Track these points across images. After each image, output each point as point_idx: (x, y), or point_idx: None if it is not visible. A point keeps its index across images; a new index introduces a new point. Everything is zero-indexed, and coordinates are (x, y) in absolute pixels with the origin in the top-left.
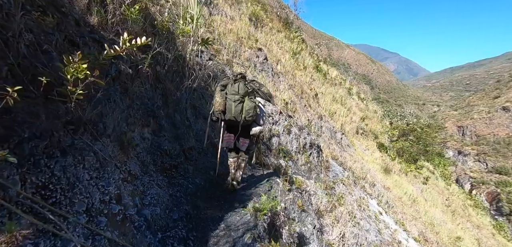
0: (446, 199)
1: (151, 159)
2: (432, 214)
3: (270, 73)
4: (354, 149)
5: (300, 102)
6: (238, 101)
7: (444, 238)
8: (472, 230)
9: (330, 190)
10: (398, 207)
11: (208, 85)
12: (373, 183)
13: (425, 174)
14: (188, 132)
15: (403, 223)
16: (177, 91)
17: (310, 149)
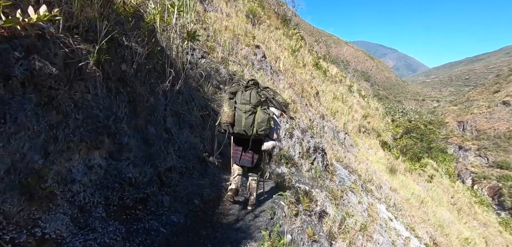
0: (452, 197)
1: (101, 197)
2: (440, 215)
3: (268, 72)
4: (357, 149)
5: (301, 102)
6: (249, 112)
7: (454, 240)
8: (479, 228)
9: (339, 200)
10: (406, 210)
11: (200, 86)
12: (380, 185)
13: (429, 172)
14: (166, 147)
15: (413, 227)
16: (150, 96)
17: (314, 153)
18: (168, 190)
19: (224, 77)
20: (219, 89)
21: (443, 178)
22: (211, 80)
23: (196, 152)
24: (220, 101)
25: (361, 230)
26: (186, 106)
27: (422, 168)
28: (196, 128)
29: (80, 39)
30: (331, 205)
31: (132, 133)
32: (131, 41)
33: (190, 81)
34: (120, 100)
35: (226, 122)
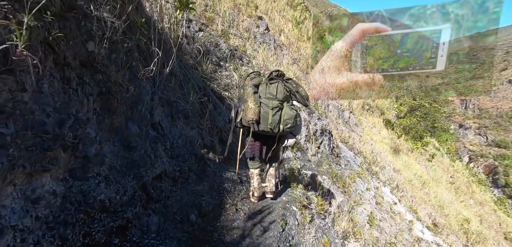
0: (451, 176)
1: (56, 240)
2: (440, 195)
3: (272, 46)
4: (362, 128)
5: (306, 79)
6: (276, 108)
7: (453, 221)
8: (475, 207)
9: (347, 188)
10: (408, 191)
11: (197, 63)
12: (383, 166)
13: (431, 151)
14: (154, 148)
15: (416, 210)
16: (131, 85)
17: (321, 135)
18: (157, 207)
19: (225, 52)
20: (219, 66)
21: (443, 157)
22: (210, 57)
23: (193, 148)
24: (220, 80)
25: (370, 221)
26: (181, 92)
27: (424, 147)
28: (192, 117)
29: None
30: (340, 194)
31: (106, 137)
32: (101, 11)
33: (186, 58)
34: (84, 94)
35: (252, 119)
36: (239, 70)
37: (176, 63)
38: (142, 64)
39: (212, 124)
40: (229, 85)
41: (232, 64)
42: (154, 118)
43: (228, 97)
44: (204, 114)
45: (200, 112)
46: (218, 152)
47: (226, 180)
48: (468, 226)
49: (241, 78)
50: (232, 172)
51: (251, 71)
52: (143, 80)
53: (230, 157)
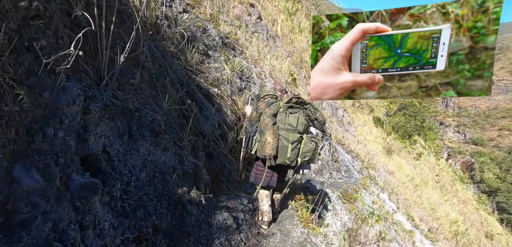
0: (436, 175)
1: None
2: (431, 198)
3: (265, 36)
4: (354, 127)
5: (299, 73)
6: (297, 142)
7: (445, 224)
8: (458, 205)
9: (352, 201)
10: (402, 194)
11: (180, 51)
12: (378, 168)
13: (418, 150)
14: (81, 210)
15: (413, 217)
16: (22, 88)
17: (322, 140)
18: None
19: (214, 40)
20: (207, 57)
21: (430, 156)
22: (197, 44)
23: (165, 186)
24: (208, 73)
25: (379, 240)
26: (151, 92)
27: (412, 146)
28: (167, 131)
29: None
30: (345, 211)
31: None
32: None
33: (166, 45)
34: None
35: (270, 155)
36: (232, 62)
37: (147, 50)
38: (60, 41)
39: (196, 135)
40: (219, 80)
41: (222, 54)
42: (89, 146)
43: (218, 95)
44: (186, 122)
45: (180, 121)
46: (204, 182)
47: (217, 232)
48: (457, 228)
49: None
50: (225, 213)
51: (265, 93)
52: (59, 75)
53: (220, 185)
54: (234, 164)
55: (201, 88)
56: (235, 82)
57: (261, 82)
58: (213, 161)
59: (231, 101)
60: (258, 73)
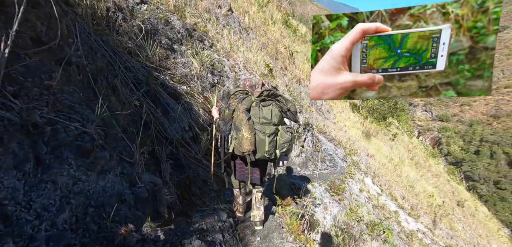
0: (410, 152)
1: None
2: (409, 175)
3: (237, 29)
4: (333, 114)
5: (275, 65)
6: (273, 134)
7: (423, 199)
8: (432, 179)
9: (340, 193)
10: (383, 175)
11: (139, 47)
12: (359, 152)
13: (393, 131)
14: None
15: (396, 197)
16: None
17: (304, 131)
18: None
19: (179, 32)
20: (172, 51)
21: (404, 136)
22: (159, 37)
23: (102, 225)
24: (174, 69)
25: (369, 228)
26: (84, 96)
27: (387, 128)
28: (104, 149)
29: None
30: (334, 203)
31: None
32: None
33: (122, 40)
34: None
35: (249, 150)
36: (200, 55)
37: (80, 43)
38: None
39: (160, 142)
40: (188, 77)
41: (190, 47)
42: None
43: (187, 93)
44: (148, 128)
45: (132, 129)
46: (168, 203)
47: None
48: (433, 201)
49: (224, 95)
50: (197, 241)
51: (235, 90)
52: None
53: (193, 197)
54: (209, 169)
55: (167, 87)
56: (206, 77)
57: (235, 75)
58: (183, 170)
59: (203, 98)
60: (231, 66)
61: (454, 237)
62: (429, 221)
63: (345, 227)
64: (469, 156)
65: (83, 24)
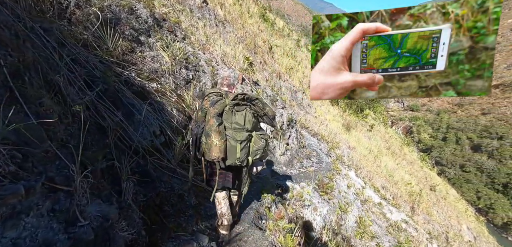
0: (387, 142)
1: None
2: (386, 164)
3: (213, 22)
4: (314, 108)
5: (255, 59)
6: (245, 141)
7: (402, 187)
8: (407, 166)
9: (329, 191)
10: (364, 167)
11: (99, 38)
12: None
13: (370, 122)
14: None
15: (378, 188)
16: None
17: (289, 128)
18: None
19: (146, 22)
20: (138, 44)
21: (380, 126)
22: (121, 28)
23: None
24: (142, 64)
25: (361, 226)
26: None
27: (365, 119)
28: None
29: None
30: (324, 202)
31: None
32: None
33: (75, 30)
34: None
35: (218, 158)
36: (171, 47)
37: None
38: None
39: (121, 153)
40: (159, 72)
41: (159, 39)
42: None
43: (158, 90)
44: (99, 137)
45: (75, 141)
46: (126, 243)
47: None
48: (411, 188)
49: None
50: None
51: (209, 91)
52: None
53: (166, 219)
54: (186, 180)
55: (132, 84)
56: (180, 73)
57: (212, 70)
58: (153, 186)
59: (177, 97)
60: (207, 60)
61: (430, 222)
62: (408, 209)
63: (337, 227)
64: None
65: (17, 8)
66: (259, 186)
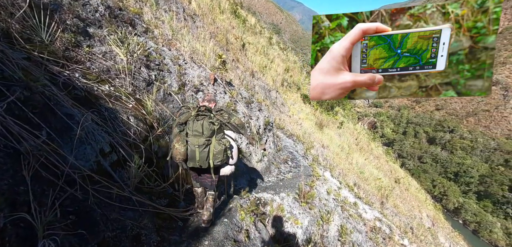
0: (356, 139)
1: None
2: (357, 160)
3: (181, 15)
4: (288, 108)
5: (227, 56)
6: (203, 145)
7: (372, 183)
8: (374, 161)
9: (310, 200)
10: (337, 164)
11: (32, 29)
12: (315, 144)
13: (340, 120)
14: None
15: (352, 187)
16: None
17: (265, 132)
18: None
19: (97, 11)
20: (85, 37)
21: (349, 123)
22: (62, 16)
23: None
24: (90, 62)
25: (342, 235)
26: None
27: (335, 116)
28: None
29: None
30: (304, 213)
31: None
32: None
33: None
34: None
35: (179, 159)
36: (128, 41)
37: None
38: None
39: (40, 188)
40: (112, 72)
41: (113, 32)
42: None
43: (110, 95)
44: (9, 167)
45: None
46: None
47: None
48: (381, 183)
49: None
50: None
51: (183, 105)
52: None
53: None
54: (146, 208)
55: (75, 88)
56: (140, 72)
57: (178, 69)
58: (96, 229)
59: (135, 102)
60: (174, 57)
61: (397, 214)
62: (378, 205)
63: (320, 241)
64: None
65: None
66: (236, 204)
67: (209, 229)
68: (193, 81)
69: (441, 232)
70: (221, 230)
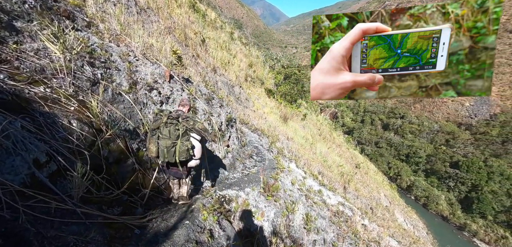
0: (319, 129)
1: None
2: (320, 150)
3: (133, 9)
4: (252, 103)
5: (186, 52)
6: (170, 146)
7: (335, 170)
8: (336, 149)
9: (275, 192)
10: (302, 155)
11: None
12: (280, 137)
13: (303, 112)
14: None
15: (317, 175)
16: None
17: (228, 128)
18: None
19: (26, 1)
20: (12, 32)
21: (312, 115)
22: None
23: None
24: (19, 61)
25: (307, 223)
26: None
27: (298, 109)
28: None
29: None
30: (270, 205)
31: None
32: None
33: None
34: None
35: (152, 157)
36: (65, 37)
37: None
38: None
39: None
40: (47, 72)
41: (46, 26)
42: None
43: (47, 97)
44: None
45: None
46: None
47: None
48: (343, 169)
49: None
50: None
51: (158, 111)
52: None
53: None
54: (93, 221)
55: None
56: (82, 71)
57: (128, 66)
58: None
59: (78, 104)
60: (123, 54)
61: (359, 197)
62: (342, 190)
63: (285, 231)
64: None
65: None
66: (198, 204)
67: (169, 233)
68: (146, 79)
69: (397, 209)
70: (182, 233)
